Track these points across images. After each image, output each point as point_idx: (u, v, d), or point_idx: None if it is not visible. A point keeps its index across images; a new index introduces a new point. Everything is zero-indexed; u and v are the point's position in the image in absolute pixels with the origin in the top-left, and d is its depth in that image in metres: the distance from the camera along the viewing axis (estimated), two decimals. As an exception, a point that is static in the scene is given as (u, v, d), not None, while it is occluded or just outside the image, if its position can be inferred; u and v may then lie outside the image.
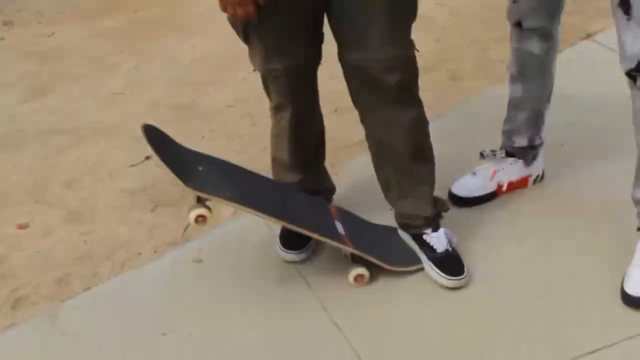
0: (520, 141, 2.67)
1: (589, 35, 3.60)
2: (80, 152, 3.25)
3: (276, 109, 2.42)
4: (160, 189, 2.93)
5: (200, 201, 2.21)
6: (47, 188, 3.03)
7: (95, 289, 2.52)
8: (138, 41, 4.14)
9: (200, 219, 2.21)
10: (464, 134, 3.05)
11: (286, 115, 2.41)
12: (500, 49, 3.48)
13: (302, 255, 2.50)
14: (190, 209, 2.21)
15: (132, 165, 3.08)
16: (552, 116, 2.67)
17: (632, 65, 2.15)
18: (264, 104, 2.50)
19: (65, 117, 3.52)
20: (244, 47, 2.33)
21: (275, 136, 2.49)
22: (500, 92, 2.95)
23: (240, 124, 3.31)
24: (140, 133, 2.24)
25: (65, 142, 3.31)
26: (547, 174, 2.76)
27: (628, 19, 2.10)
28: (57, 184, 3.04)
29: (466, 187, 2.70)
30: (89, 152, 3.24)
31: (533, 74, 2.57)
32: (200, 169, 2.28)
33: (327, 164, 2.64)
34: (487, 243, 2.52)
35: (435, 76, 3.41)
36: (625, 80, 2.20)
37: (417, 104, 2.35)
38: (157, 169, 2.92)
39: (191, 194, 2.24)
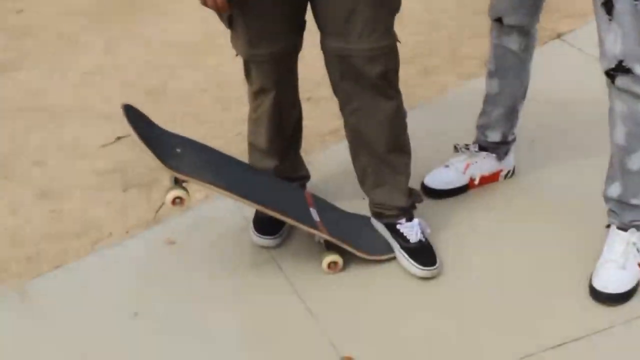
0: (494, 136, 2.69)
1: (559, 35, 3.64)
2: (49, 130, 3.22)
3: (257, 94, 2.41)
4: (132, 170, 2.92)
5: (177, 183, 2.20)
6: (16, 165, 3.00)
7: (66, 268, 2.50)
8: (110, 21, 4.10)
9: (178, 201, 2.20)
10: (436, 127, 3.06)
11: (267, 100, 2.40)
12: (473, 45, 3.54)
13: (276, 241, 2.51)
14: (167, 190, 2.21)
15: (104, 146, 3.06)
16: (523, 113, 2.70)
17: (612, 65, 2.18)
18: (237, 90, 2.49)
19: (35, 95, 3.48)
20: (217, 33, 2.33)
21: (254, 121, 2.48)
22: (471, 88, 2.99)
23: (213, 108, 3.29)
24: (112, 113, 2.24)
25: (34, 120, 3.28)
26: (517, 169, 2.79)
27: (610, 19, 2.12)
28: (26, 161, 3.02)
29: (439, 179, 2.72)
30: (58, 131, 3.21)
31: (510, 71, 2.59)
32: (178, 150, 2.28)
33: (301, 151, 2.64)
34: (459, 235, 2.54)
35: (408, 70, 3.40)
36: (603, 79, 2.23)
37: (397, 95, 2.36)
38: (129, 150, 2.94)
39: (167, 176, 2.24)
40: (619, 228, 2.35)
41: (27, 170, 2.97)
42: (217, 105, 3.29)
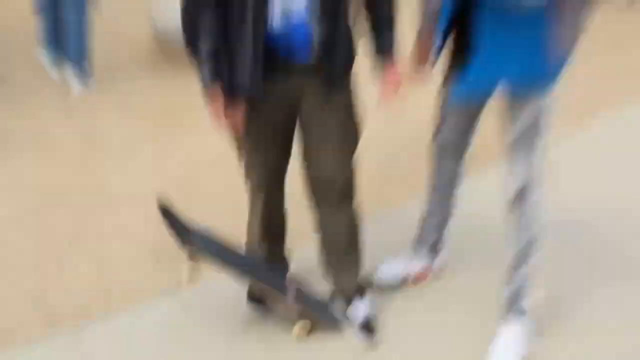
0: (429, 240, 2.76)
1: (489, 165, 3.61)
2: (104, 211, 3.32)
3: (252, 195, 2.47)
4: (164, 246, 3.00)
5: (192, 260, 2.33)
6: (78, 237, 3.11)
7: (89, 326, 2.57)
8: (165, 127, 4.23)
9: (192, 275, 2.35)
10: (386, 232, 3.13)
11: (259, 201, 2.45)
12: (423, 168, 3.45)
13: (262, 310, 2.63)
14: (185, 265, 2.37)
15: (145, 223, 3.18)
16: (455, 224, 2.77)
17: (513, 193, 2.34)
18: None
19: (98, 184, 3.57)
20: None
21: (250, 216, 2.54)
22: (417, 204, 2.98)
23: (235, 209, 3.28)
24: (155, 204, 2.35)
25: (95, 204, 3.39)
26: (444, 270, 2.87)
27: (514, 157, 2.30)
28: (89, 236, 3.11)
29: (384, 273, 2.79)
30: (112, 211, 3.32)
31: (445, 188, 2.64)
32: (196, 238, 2.35)
33: (287, 244, 2.68)
34: (395, 318, 2.64)
35: (368, 187, 3.48)
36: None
37: (354, 207, 2.45)
38: (164, 231, 3.00)
39: (187, 255, 2.35)
40: (509, 322, 2.48)
41: (84, 239, 3.06)
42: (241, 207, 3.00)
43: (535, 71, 2.19)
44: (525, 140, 2.29)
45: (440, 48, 2.33)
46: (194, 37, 2.15)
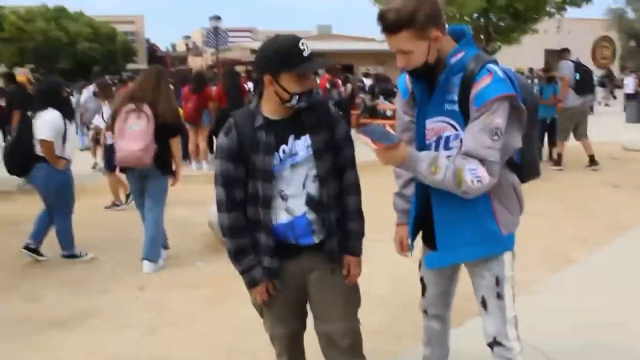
0: None
1: (480, 313, 3.52)
2: None
3: (278, 356, 2.52)
4: None
5: None
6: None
7: None
8: (216, 300, 4.22)
9: None
10: None
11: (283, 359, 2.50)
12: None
13: None
14: None
15: None
16: None
17: (490, 340, 2.33)
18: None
19: (159, 349, 3.55)
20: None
21: None
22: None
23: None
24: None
25: None
26: None
27: (486, 310, 2.28)
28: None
29: None
30: None
31: (436, 342, 2.64)
32: None
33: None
34: None
35: (379, 338, 3.37)
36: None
37: (361, 355, 2.41)
38: None
39: None
40: None
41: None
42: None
43: (484, 248, 2.25)
44: (492, 294, 2.30)
45: (414, 233, 2.45)
46: (236, 245, 2.29)
